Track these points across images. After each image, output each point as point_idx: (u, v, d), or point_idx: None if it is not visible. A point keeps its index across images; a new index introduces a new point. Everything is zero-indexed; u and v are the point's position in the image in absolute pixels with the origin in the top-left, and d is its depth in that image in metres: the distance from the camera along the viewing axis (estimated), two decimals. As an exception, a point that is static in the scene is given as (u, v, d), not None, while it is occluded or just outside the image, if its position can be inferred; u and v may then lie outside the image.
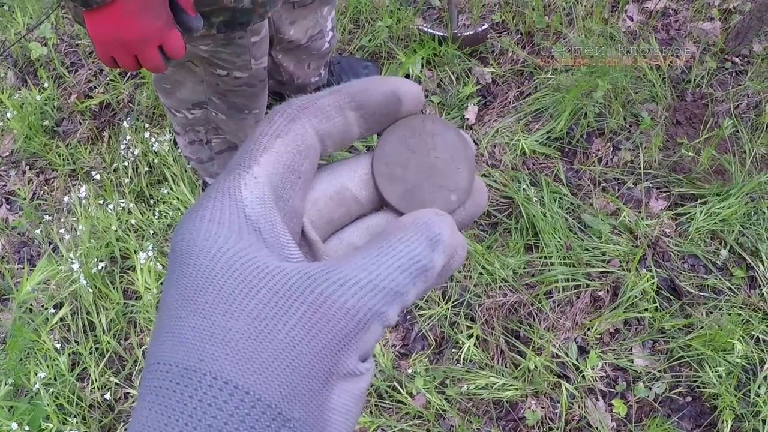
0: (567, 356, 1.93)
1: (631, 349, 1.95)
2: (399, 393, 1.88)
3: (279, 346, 0.28)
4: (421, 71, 2.41)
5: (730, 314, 1.97)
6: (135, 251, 2.07)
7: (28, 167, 2.37)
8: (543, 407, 1.88)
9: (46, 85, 2.48)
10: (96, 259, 2.07)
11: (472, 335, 1.95)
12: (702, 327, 1.95)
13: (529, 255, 2.07)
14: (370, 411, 1.87)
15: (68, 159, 2.34)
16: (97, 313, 2.02)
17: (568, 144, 2.27)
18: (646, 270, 2.04)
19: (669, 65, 2.41)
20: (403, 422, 1.86)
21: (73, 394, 1.91)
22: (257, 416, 0.27)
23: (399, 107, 0.37)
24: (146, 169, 2.26)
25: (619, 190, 2.19)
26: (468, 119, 2.32)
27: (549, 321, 1.98)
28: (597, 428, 1.85)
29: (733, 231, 2.10)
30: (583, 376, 1.91)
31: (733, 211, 2.10)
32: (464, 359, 1.93)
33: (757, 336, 1.96)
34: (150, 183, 2.25)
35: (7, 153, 2.42)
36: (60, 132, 2.43)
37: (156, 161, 2.26)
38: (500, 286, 2.01)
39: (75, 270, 2.03)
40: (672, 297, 2.02)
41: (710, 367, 1.91)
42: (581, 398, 1.89)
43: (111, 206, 2.18)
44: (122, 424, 1.91)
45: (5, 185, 2.35)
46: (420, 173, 0.38)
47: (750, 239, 2.09)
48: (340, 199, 0.37)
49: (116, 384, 1.94)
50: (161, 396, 0.28)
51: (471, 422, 1.86)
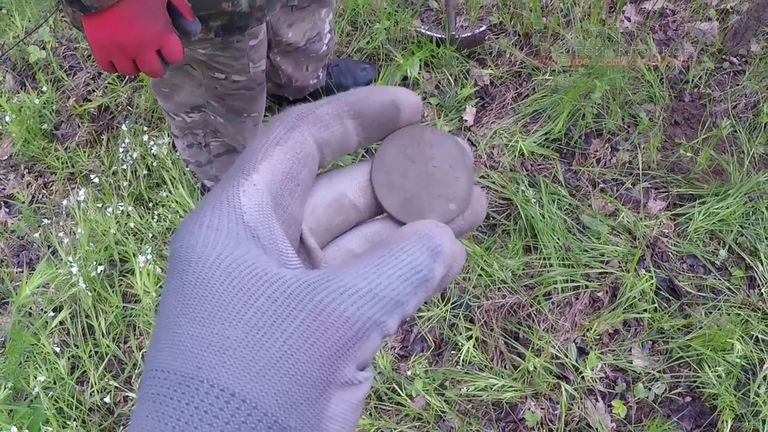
0: (566, 357, 1.93)
1: (631, 350, 1.96)
2: (398, 395, 1.88)
3: (276, 355, 0.28)
4: (419, 73, 2.41)
5: (730, 314, 1.97)
6: (134, 254, 2.07)
7: (27, 171, 2.37)
8: (542, 408, 1.88)
9: (45, 89, 2.48)
10: (95, 263, 2.08)
11: (472, 337, 1.95)
12: (701, 327, 1.96)
13: (528, 256, 2.07)
14: (370, 413, 1.87)
15: (67, 162, 2.34)
16: (97, 317, 2.02)
17: (567, 145, 2.28)
18: (645, 270, 2.04)
19: (667, 66, 2.41)
20: (403, 424, 1.86)
21: (73, 398, 1.91)
22: (253, 424, 0.27)
23: (398, 116, 0.37)
24: (145, 173, 2.26)
25: (618, 191, 2.19)
26: (466, 121, 2.32)
27: (548, 322, 1.98)
28: (597, 429, 1.85)
29: (732, 231, 2.10)
30: (583, 377, 1.91)
31: (732, 211, 2.10)
32: (463, 361, 1.93)
33: (757, 336, 1.96)
34: (149, 186, 2.25)
35: (6, 156, 2.42)
36: (59, 135, 2.43)
37: (155, 164, 2.26)
38: (499, 288, 2.02)
39: (74, 273, 2.03)
40: (671, 297, 2.02)
41: (710, 367, 1.91)
42: (581, 399, 1.89)
43: (110, 209, 2.18)
44: (122, 428, 1.90)
45: (4, 189, 2.35)
46: (419, 182, 0.38)
47: (749, 239, 2.10)
48: (339, 207, 0.37)
49: (116, 387, 1.94)
50: (159, 403, 0.28)
51: (471, 424, 1.86)
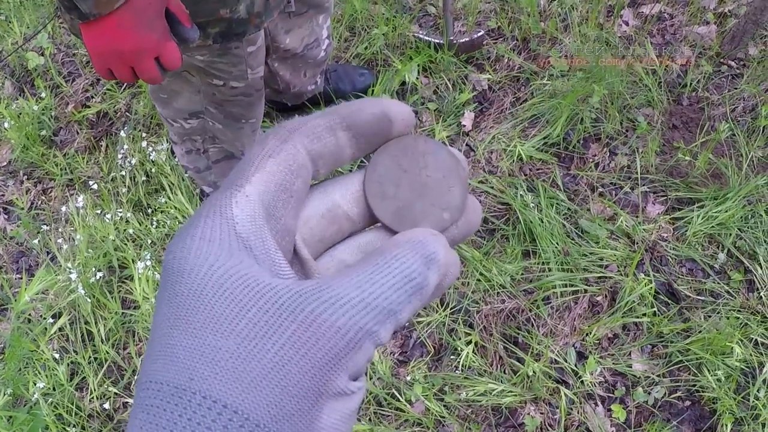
0: (566, 362, 1.93)
1: (630, 354, 1.96)
2: (398, 400, 1.88)
3: (268, 366, 0.28)
4: (418, 78, 2.41)
5: (729, 318, 1.97)
6: (133, 260, 2.07)
7: (26, 177, 2.38)
8: (542, 413, 1.88)
9: (44, 95, 2.49)
10: (94, 269, 2.07)
11: (471, 342, 1.95)
12: (700, 331, 1.95)
13: (527, 261, 2.07)
14: (369, 418, 1.87)
15: (66, 168, 2.34)
16: (96, 323, 2.01)
17: (565, 149, 2.28)
18: (644, 275, 2.04)
19: (665, 69, 2.41)
20: (402, 429, 1.86)
21: (72, 404, 1.91)
22: None
23: (390, 128, 0.37)
24: (144, 179, 2.26)
25: (616, 195, 2.19)
26: (464, 126, 2.33)
27: (547, 327, 1.98)
28: (596, 434, 1.85)
29: (731, 234, 2.10)
30: (582, 382, 1.91)
31: (731, 215, 2.10)
32: (463, 366, 1.93)
33: (756, 339, 1.96)
34: (147, 192, 2.25)
35: (5, 163, 2.42)
36: (57, 142, 2.43)
37: (153, 170, 2.26)
38: (498, 293, 2.02)
39: (73, 280, 2.03)
40: (670, 301, 2.02)
41: (709, 371, 1.91)
42: (580, 404, 1.89)
43: (109, 216, 2.18)
44: (121, 434, 1.91)
45: (3, 195, 2.35)
46: (412, 192, 0.38)
47: (747, 242, 2.10)
48: (332, 217, 0.37)
49: (115, 394, 1.94)
50: (152, 414, 0.28)
51: (470, 429, 1.86)
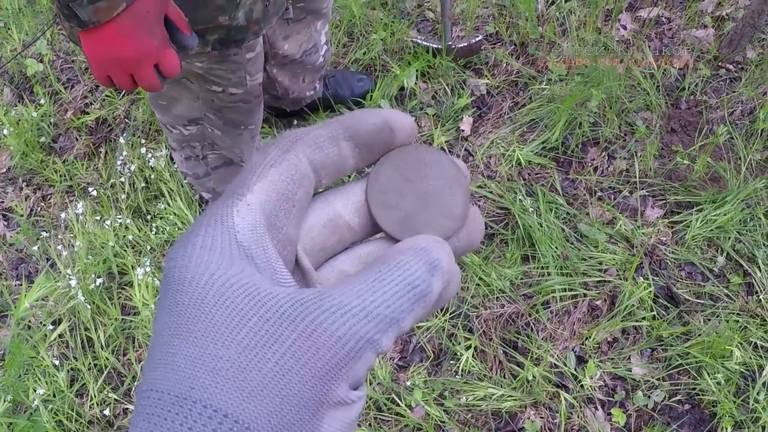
0: (565, 366, 1.93)
1: (630, 358, 1.96)
2: (398, 405, 1.88)
3: (268, 375, 0.28)
4: (416, 83, 2.42)
5: (728, 321, 1.97)
6: (132, 267, 2.07)
7: (25, 183, 2.38)
8: (542, 417, 1.88)
9: (43, 102, 2.49)
10: (93, 275, 2.08)
11: (470, 346, 1.95)
12: (700, 334, 1.96)
13: (526, 265, 2.07)
14: (369, 424, 1.87)
15: (65, 175, 2.34)
16: (96, 329, 2.02)
17: (564, 154, 2.28)
18: (643, 278, 2.04)
19: (663, 73, 2.42)
20: (403, 434, 1.86)
21: (72, 411, 1.91)
22: None
23: (392, 137, 0.37)
24: (143, 185, 2.26)
25: (615, 199, 2.20)
26: (463, 131, 2.33)
27: (547, 331, 1.98)
28: (596, 438, 1.85)
29: (730, 238, 2.10)
30: (582, 386, 1.91)
31: (729, 218, 2.10)
32: (463, 371, 1.93)
33: (755, 342, 1.96)
34: (147, 198, 2.25)
35: (4, 169, 2.42)
36: (57, 148, 2.44)
37: (152, 177, 2.26)
38: (498, 297, 2.02)
39: (73, 286, 2.03)
40: (669, 305, 2.03)
41: (709, 374, 1.91)
42: (580, 408, 1.89)
43: (108, 222, 2.19)
44: (121, 441, 1.91)
45: (2, 202, 2.35)
46: (415, 201, 0.38)
47: (746, 246, 2.10)
48: (334, 227, 0.37)
49: (115, 400, 1.94)
50: (152, 423, 0.28)
51: (470, 434, 1.86)
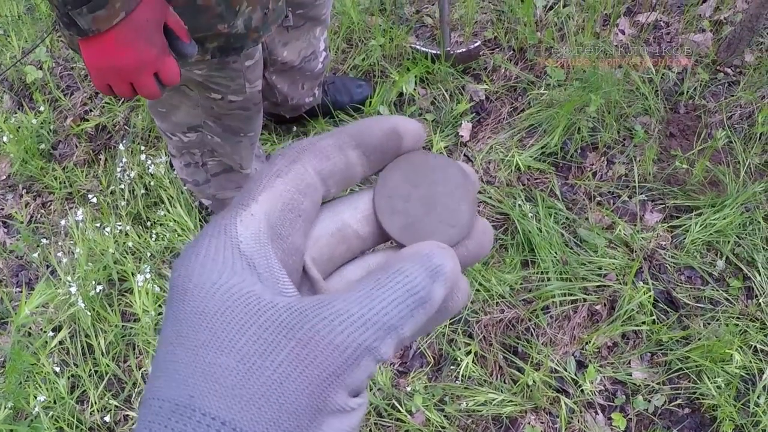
0: (565, 371, 1.93)
1: (630, 362, 1.96)
2: (398, 411, 1.88)
3: (266, 383, 0.28)
4: (415, 89, 2.42)
5: (728, 325, 1.97)
6: (132, 273, 2.08)
7: (25, 191, 2.38)
8: (542, 422, 1.88)
9: (42, 109, 2.49)
10: (94, 282, 2.08)
11: (471, 352, 1.95)
12: (700, 338, 1.96)
13: (526, 270, 2.07)
14: (370, 429, 1.87)
15: (65, 182, 2.35)
16: (96, 336, 2.02)
17: (563, 159, 2.28)
18: (643, 283, 2.04)
19: (661, 78, 2.42)
20: (403, 440, 1.86)
21: (73, 417, 1.91)
22: None
23: (400, 144, 0.37)
24: (143, 192, 2.26)
25: (614, 204, 2.20)
26: (462, 136, 2.33)
27: (547, 336, 1.98)
28: (597, 443, 1.85)
29: (729, 242, 2.11)
30: (582, 391, 1.91)
31: (729, 222, 2.11)
32: (463, 376, 1.93)
33: (755, 345, 1.96)
34: (147, 205, 2.25)
35: (4, 177, 2.42)
36: (56, 155, 2.44)
37: (152, 183, 2.26)
38: (497, 302, 2.02)
39: (73, 293, 2.03)
40: (669, 309, 2.03)
41: (709, 378, 1.91)
42: (580, 412, 1.89)
43: (108, 229, 2.19)
44: (122, 448, 1.91)
45: (2, 209, 2.36)
46: (421, 207, 0.38)
47: (746, 249, 2.10)
48: (342, 236, 0.37)
49: (116, 406, 1.94)
50: (153, 431, 0.28)
51: (471, 439, 1.86)
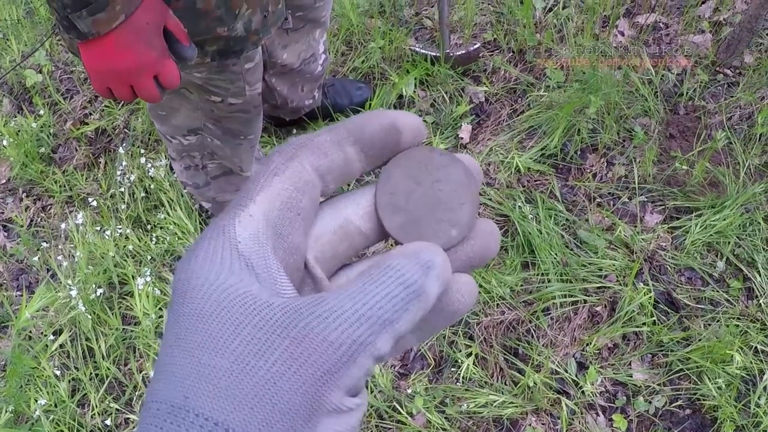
0: (566, 372, 1.93)
1: (630, 364, 1.96)
2: (399, 413, 1.88)
3: (260, 383, 0.28)
4: (415, 91, 2.42)
5: (728, 326, 1.97)
6: (133, 277, 2.08)
7: (25, 194, 2.38)
8: (543, 424, 1.88)
9: (42, 112, 2.49)
10: (94, 285, 2.08)
11: (471, 354, 1.95)
12: (700, 339, 1.96)
13: (526, 272, 2.07)
14: (371, 431, 1.87)
15: (65, 185, 2.35)
16: (97, 339, 2.02)
17: (563, 160, 2.28)
18: (643, 284, 2.04)
19: (661, 79, 2.42)
20: (404, 442, 1.86)
21: (74, 421, 1.91)
22: None
23: (399, 139, 0.37)
24: (143, 195, 2.26)
25: (614, 205, 2.20)
26: (462, 138, 2.33)
27: (547, 337, 1.98)
28: (598, 444, 1.85)
29: (729, 242, 2.11)
30: (583, 392, 1.91)
31: (729, 223, 2.11)
32: (463, 378, 1.93)
33: (756, 346, 1.96)
34: (147, 208, 2.25)
35: (4, 180, 2.42)
36: (56, 159, 2.44)
37: (152, 186, 2.26)
38: (498, 304, 2.02)
39: (73, 296, 2.03)
40: (670, 310, 2.03)
41: (710, 379, 1.91)
42: (581, 414, 1.89)
43: (108, 232, 2.19)
44: (123, 451, 1.90)
45: (2, 213, 2.36)
46: (422, 205, 0.37)
47: (746, 250, 2.10)
48: (344, 234, 0.37)
49: (117, 410, 1.93)
50: None
51: (472, 441, 1.86)
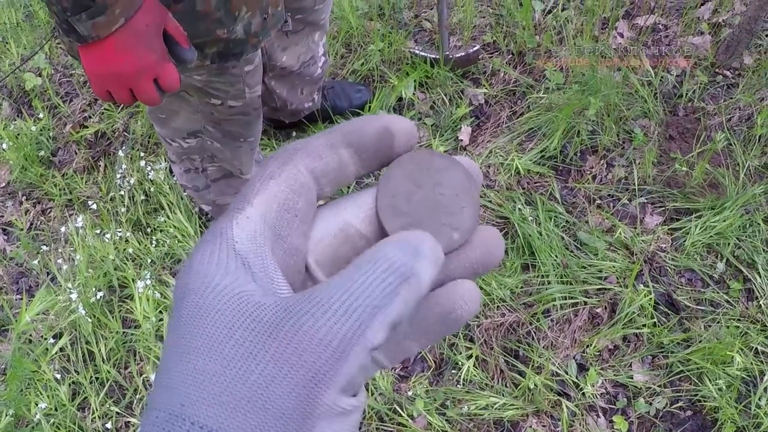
0: (567, 374, 1.93)
1: (631, 365, 1.96)
2: (399, 415, 1.88)
3: (252, 388, 0.28)
4: (414, 94, 2.42)
5: (729, 327, 1.97)
6: (133, 280, 2.07)
7: (25, 198, 2.38)
8: (544, 426, 1.88)
9: (41, 116, 2.49)
10: (94, 289, 2.07)
11: (472, 356, 1.95)
12: (701, 340, 1.96)
13: (526, 274, 2.07)
14: (372, 434, 1.87)
15: (65, 189, 2.35)
16: (97, 343, 2.01)
17: (562, 162, 2.28)
18: (643, 285, 2.04)
19: (660, 80, 2.42)
20: (405, 445, 1.86)
21: (75, 424, 1.91)
22: None
23: (392, 142, 0.36)
24: (142, 198, 2.26)
25: (614, 207, 2.20)
26: (462, 140, 2.34)
27: (548, 339, 1.98)
28: (599, 446, 1.85)
29: (729, 244, 2.11)
30: (584, 394, 1.91)
31: (729, 224, 2.11)
32: (464, 380, 1.92)
33: (756, 347, 1.96)
34: (146, 211, 2.25)
35: (4, 184, 2.42)
36: (56, 162, 2.44)
37: (152, 190, 2.26)
38: (498, 306, 2.02)
39: (73, 300, 2.03)
40: (670, 311, 2.03)
41: (710, 381, 1.91)
42: (582, 416, 1.88)
43: (108, 235, 2.19)
44: (124, 454, 1.90)
45: (2, 216, 2.36)
46: (423, 209, 0.37)
47: (746, 251, 2.10)
48: (345, 237, 0.37)
49: (117, 413, 1.93)
50: None
51: (473, 443, 1.86)
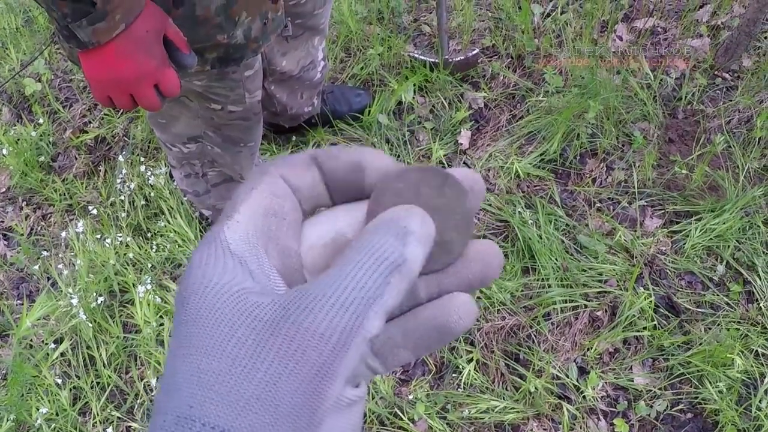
0: (567, 377, 1.93)
1: (631, 368, 1.96)
2: (400, 419, 1.88)
3: (259, 386, 0.28)
4: (414, 98, 2.43)
5: (729, 329, 1.97)
6: (133, 285, 2.08)
7: (25, 203, 2.38)
8: (545, 429, 1.88)
9: (41, 121, 2.50)
10: (95, 294, 2.08)
11: (472, 359, 1.95)
12: (701, 343, 1.96)
13: (526, 277, 2.07)
14: (373, 438, 1.87)
15: (65, 194, 2.35)
16: (98, 348, 2.01)
17: (562, 165, 2.29)
18: (644, 288, 2.04)
19: (660, 83, 2.43)
20: (406, 449, 1.86)
21: (76, 429, 1.91)
22: None
23: (362, 177, 0.36)
24: (143, 203, 2.26)
25: (614, 210, 2.20)
26: (461, 144, 2.34)
27: (548, 343, 1.98)
28: (600, 449, 1.85)
29: (729, 246, 2.11)
30: (584, 397, 1.91)
31: (728, 227, 2.11)
32: (465, 383, 1.93)
33: (757, 350, 1.96)
34: (147, 216, 2.26)
35: (4, 189, 2.42)
36: (56, 167, 2.44)
37: (152, 195, 2.26)
38: (498, 310, 2.02)
39: (74, 305, 2.03)
40: (670, 314, 2.03)
41: (710, 383, 1.91)
42: (583, 419, 1.88)
43: (108, 240, 2.19)
44: (125, 459, 1.90)
45: (2, 221, 2.36)
46: None
47: (746, 254, 2.10)
48: (336, 246, 0.37)
49: (118, 418, 1.93)
50: None
51: (474, 447, 1.86)
